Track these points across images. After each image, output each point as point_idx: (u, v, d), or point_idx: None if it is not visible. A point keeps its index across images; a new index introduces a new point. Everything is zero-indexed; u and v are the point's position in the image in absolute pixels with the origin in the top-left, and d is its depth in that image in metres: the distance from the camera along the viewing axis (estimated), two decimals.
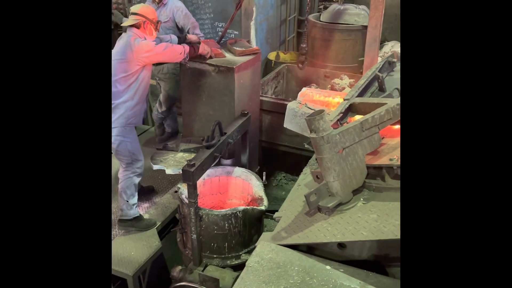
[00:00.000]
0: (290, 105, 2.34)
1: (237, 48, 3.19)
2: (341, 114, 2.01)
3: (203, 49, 2.97)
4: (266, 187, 2.86)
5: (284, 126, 2.33)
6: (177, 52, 2.74)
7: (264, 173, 2.93)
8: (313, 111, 2.14)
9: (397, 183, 1.79)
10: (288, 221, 1.84)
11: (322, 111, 1.71)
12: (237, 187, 2.92)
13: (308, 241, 1.73)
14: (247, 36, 4.71)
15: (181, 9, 3.53)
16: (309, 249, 1.83)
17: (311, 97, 2.40)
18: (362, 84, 2.23)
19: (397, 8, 7.14)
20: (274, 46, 5.49)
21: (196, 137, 3.17)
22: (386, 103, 1.86)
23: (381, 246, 1.75)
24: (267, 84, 4.14)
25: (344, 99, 2.12)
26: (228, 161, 2.99)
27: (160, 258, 2.88)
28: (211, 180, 2.88)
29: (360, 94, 2.19)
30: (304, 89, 2.48)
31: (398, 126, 1.99)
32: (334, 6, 4.53)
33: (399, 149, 1.85)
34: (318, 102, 2.35)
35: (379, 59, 3.20)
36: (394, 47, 3.96)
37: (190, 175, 2.24)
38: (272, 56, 5.20)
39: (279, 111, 3.71)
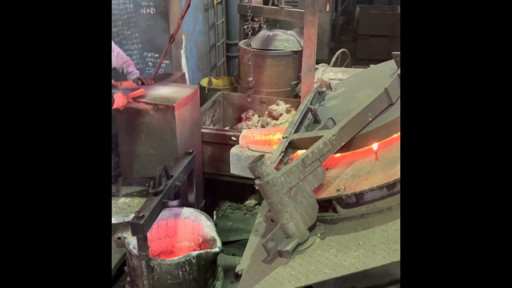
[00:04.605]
0: (233, 150, 2.33)
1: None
2: (283, 153, 2.02)
3: (117, 104, 2.80)
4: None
5: (231, 172, 2.32)
6: None
7: (214, 212, 2.86)
8: (255, 152, 2.14)
9: (349, 212, 1.83)
10: (251, 273, 1.79)
11: (262, 156, 1.70)
12: (187, 228, 2.81)
13: None
14: (178, 64, 4.64)
15: (112, 49, 3.37)
16: None
17: (252, 138, 2.41)
18: (297, 119, 2.26)
19: (319, 28, 7.51)
20: (205, 72, 5.47)
21: (138, 178, 3.02)
22: (322, 135, 1.90)
23: (346, 281, 1.77)
24: (204, 114, 4.09)
25: (283, 137, 2.13)
26: (175, 202, 2.87)
27: None
28: (158, 224, 2.74)
29: (297, 130, 2.22)
30: (244, 132, 2.49)
31: (338, 154, 2.05)
32: (263, 32, 4.62)
33: (341, 177, 1.90)
34: (260, 142, 2.37)
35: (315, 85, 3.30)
36: (325, 72, 4.13)
37: (139, 228, 2.11)
38: (204, 82, 5.16)
39: (220, 141, 3.68)
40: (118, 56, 3.34)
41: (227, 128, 4.33)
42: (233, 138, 3.61)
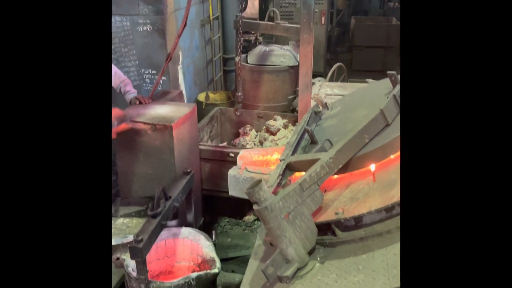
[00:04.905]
0: (231, 172, 2.33)
1: None
2: (280, 176, 2.03)
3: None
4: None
5: (230, 194, 2.32)
6: None
7: (213, 232, 2.85)
8: (253, 174, 2.14)
9: (348, 236, 1.83)
10: None
11: (259, 181, 1.70)
12: (185, 248, 2.80)
13: None
14: (175, 80, 4.67)
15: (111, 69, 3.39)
16: None
17: (250, 158, 2.42)
18: (294, 141, 2.27)
19: (315, 40, 7.60)
20: (202, 87, 5.50)
21: (136, 198, 3.01)
22: (319, 158, 1.90)
23: None
24: (202, 129, 4.10)
25: (280, 159, 2.14)
26: (173, 222, 2.86)
27: None
28: (157, 245, 2.73)
29: (294, 151, 2.23)
30: (241, 152, 2.48)
31: (336, 176, 2.05)
32: (260, 48, 4.65)
33: (339, 200, 1.90)
34: (258, 163, 2.37)
35: (312, 102, 3.33)
36: (321, 87, 4.15)
37: (138, 252, 2.11)
38: (201, 97, 5.19)
39: (218, 158, 3.69)
40: (115, 75, 3.35)
41: (225, 143, 4.34)
42: (231, 155, 3.61)
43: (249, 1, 7.04)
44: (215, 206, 4.13)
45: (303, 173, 2.02)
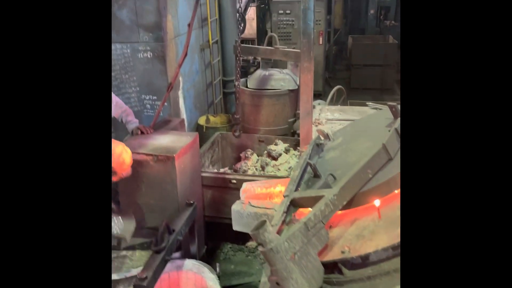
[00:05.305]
0: (234, 207, 2.33)
1: None
2: (285, 214, 2.01)
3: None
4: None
5: (234, 229, 2.32)
6: None
7: (217, 264, 2.83)
8: (257, 209, 2.14)
9: (355, 274, 1.81)
10: None
11: (264, 222, 1.69)
12: (189, 281, 2.78)
13: None
14: (176, 105, 4.69)
15: (111, 98, 3.40)
16: None
17: (253, 192, 2.41)
18: (297, 175, 2.26)
19: None
20: (202, 110, 5.51)
21: (138, 229, 2.99)
22: (323, 195, 1.89)
23: None
24: (203, 155, 4.10)
25: (284, 196, 2.13)
26: (177, 254, 2.85)
27: None
28: (160, 279, 2.70)
29: (298, 185, 2.22)
30: (244, 185, 2.48)
31: (340, 212, 2.04)
32: (259, 72, 4.69)
33: (345, 237, 1.89)
34: (261, 196, 2.36)
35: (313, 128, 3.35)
36: (322, 111, 4.18)
37: None
38: (202, 120, 5.20)
39: (220, 185, 3.68)
40: (117, 105, 3.37)
41: (226, 168, 4.34)
42: (233, 181, 3.61)
43: (247, 22, 7.13)
44: (218, 233, 4.10)
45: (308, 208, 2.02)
